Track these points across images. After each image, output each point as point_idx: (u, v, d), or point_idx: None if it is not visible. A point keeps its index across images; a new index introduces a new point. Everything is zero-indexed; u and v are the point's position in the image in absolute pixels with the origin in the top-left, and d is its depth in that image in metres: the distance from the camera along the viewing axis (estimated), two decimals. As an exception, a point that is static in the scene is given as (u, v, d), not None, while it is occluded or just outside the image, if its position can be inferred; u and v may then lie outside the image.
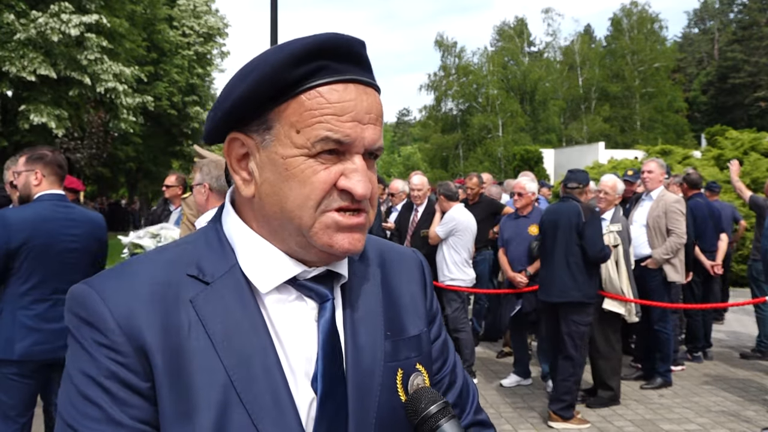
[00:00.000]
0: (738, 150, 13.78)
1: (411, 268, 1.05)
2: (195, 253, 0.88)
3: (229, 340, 0.82)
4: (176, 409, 0.79)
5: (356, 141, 0.84)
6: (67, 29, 19.27)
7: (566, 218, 4.93)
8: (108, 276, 0.85)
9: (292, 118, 0.83)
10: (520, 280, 5.80)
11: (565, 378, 4.87)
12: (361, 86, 0.85)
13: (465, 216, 6.12)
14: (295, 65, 0.81)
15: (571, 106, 45.86)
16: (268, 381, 0.82)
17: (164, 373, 0.79)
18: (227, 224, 0.91)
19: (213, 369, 0.80)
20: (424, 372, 0.96)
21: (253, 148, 0.86)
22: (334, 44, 0.83)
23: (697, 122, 48.16)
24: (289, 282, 0.88)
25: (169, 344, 0.80)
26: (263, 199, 0.86)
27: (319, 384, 0.85)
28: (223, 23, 34.96)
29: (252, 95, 0.83)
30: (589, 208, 4.95)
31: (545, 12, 47.97)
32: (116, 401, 0.78)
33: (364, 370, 0.89)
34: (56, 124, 20.15)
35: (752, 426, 4.91)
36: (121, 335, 0.79)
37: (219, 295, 0.84)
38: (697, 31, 57.76)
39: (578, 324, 4.86)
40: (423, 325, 1.00)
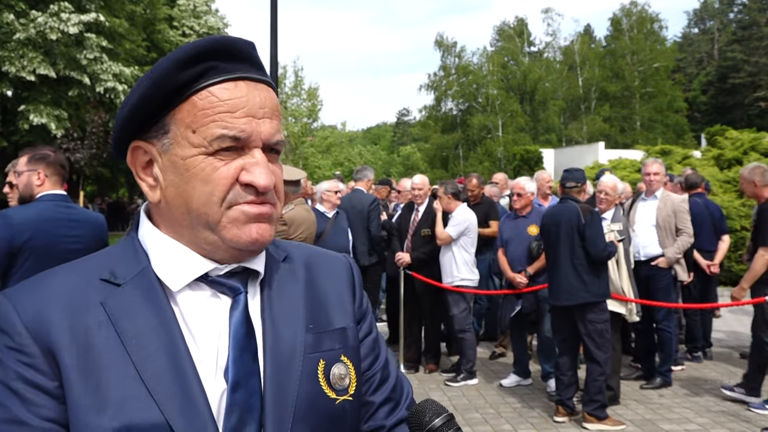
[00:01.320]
0: (738, 150, 13.77)
1: (338, 270, 1.07)
2: (110, 260, 0.91)
3: (138, 337, 0.84)
4: (87, 402, 0.81)
5: (252, 135, 0.86)
6: (66, 28, 19.27)
7: (567, 220, 4.91)
8: (23, 285, 0.89)
9: (187, 120, 0.85)
10: (519, 280, 5.80)
11: (594, 378, 4.82)
12: (252, 83, 0.88)
13: (472, 215, 6.16)
14: (183, 67, 0.84)
15: (571, 106, 45.88)
16: (177, 373, 0.83)
17: (74, 370, 0.82)
18: (141, 230, 0.94)
19: (122, 363, 0.83)
20: (349, 364, 0.97)
21: (155, 154, 0.89)
22: (221, 45, 0.86)
23: (697, 122, 48.18)
24: (201, 280, 0.90)
25: (78, 344, 0.83)
26: (170, 202, 0.89)
27: (230, 374, 0.86)
28: (223, 23, 34.97)
29: (145, 100, 0.86)
30: (587, 208, 4.94)
31: (545, 12, 48.01)
32: (24, 402, 0.81)
33: (282, 360, 0.91)
34: (56, 125, 20.14)
35: (752, 426, 4.91)
36: (28, 338, 0.82)
37: (129, 296, 0.87)
38: (697, 31, 57.78)
39: (595, 323, 4.82)
40: (350, 321, 1.02)
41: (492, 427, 4.97)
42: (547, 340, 5.86)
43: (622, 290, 5.37)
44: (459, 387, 6.01)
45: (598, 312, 4.84)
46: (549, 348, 5.85)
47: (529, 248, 5.80)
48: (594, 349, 4.81)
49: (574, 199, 5.06)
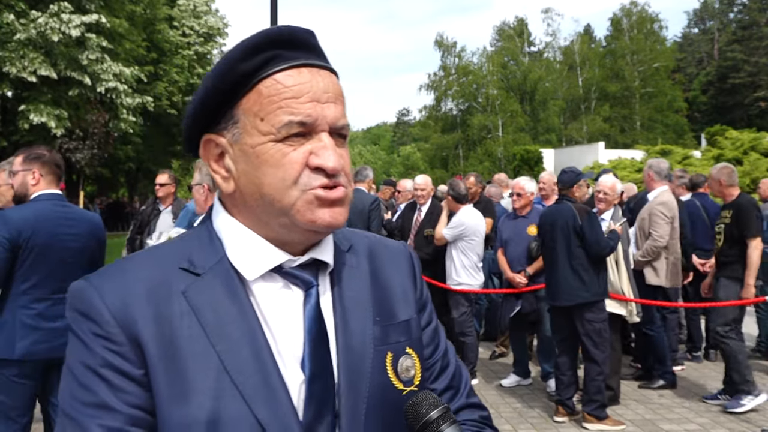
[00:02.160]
0: (738, 150, 13.79)
1: (399, 259, 1.09)
2: (187, 249, 0.92)
3: (220, 327, 0.86)
4: (172, 393, 0.83)
5: (318, 119, 0.87)
6: (68, 29, 19.27)
7: (563, 221, 4.90)
8: (105, 272, 0.90)
9: (254, 108, 0.87)
10: (519, 280, 5.80)
11: (593, 378, 4.81)
12: (315, 69, 0.90)
13: (474, 219, 6.03)
14: (247, 57, 0.87)
15: (571, 106, 45.89)
16: (259, 364, 0.85)
17: (159, 359, 0.84)
18: (216, 220, 0.96)
19: (206, 354, 0.84)
20: (414, 355, 0.99)
21: (226, 145, 0.91)
22: (282, 35, 0.89)
23: (697, 122, 48.18)
24: (275, 271, 0.91)
25: (162, 333, 0.85)
26: (243, 191, 0.90)
27: (307, 366, 0.88)
28: (223, 23, 34.98)
29: (212, 93, 0.89)
30: (583, 208, 4.93)
31: (545, 12, 48.05)
32: (112, 388, 0.83)
33: (354, 352, 0.92)
34: (56, 124, 20.15)
35: (752, 426, 4.91)
36: (115, 326, 0.84)
37: (209, 286, 0.88)
38: (697, 31, 57.78)
39: (593, 322, 4.82)
40: (413, 312, 1.03)
41: (492, 427, 4.96)
42: (547, 340, 5.86)
43: (621, 291, 5.37)
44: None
45: (596, 311, 4.84)
46: (549, 348, 5.85)
47: (528, 248, 5.79)
48: (592, 349, 4.81)
49: (569, 199, 5.05)
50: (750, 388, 5.18)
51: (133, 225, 6.79)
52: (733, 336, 5.22)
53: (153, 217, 6.35)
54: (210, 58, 35.10)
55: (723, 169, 5.48)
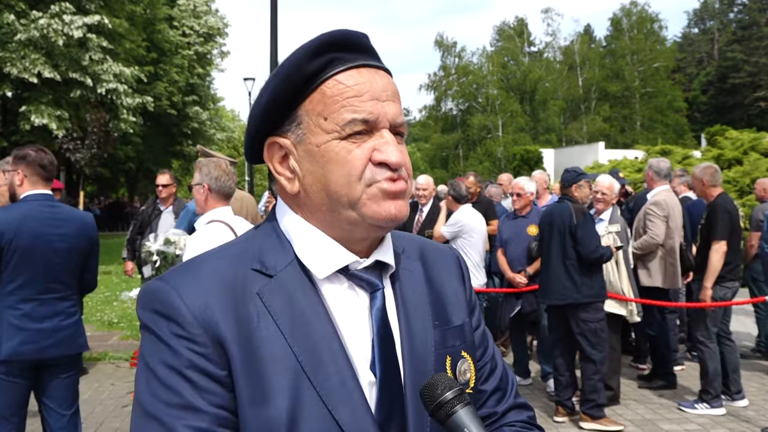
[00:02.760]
0: (738, 150, 13.78)
1: (449, 263, 1.11)
2: (257, 249, 0.94)
3: (296, 328, 0.87)
4: (252, 394, 0.84)
5: (380, 117, 0.91)
6: (70, 31, 19.26)
7: (559, 220, 4.91)
8: (180, 272, 0.91)
9: (318, 108, 0.90)
10: (519, 280, 5.80)
11: (589, 377, 4.79)
12: (372, 69, 0.93)
13: (472, 218, 6.03)
14: (309, 59, 0.90)
15: (571, 106, 45.91)
16: (336, 365, 0.87)
17: (239, 361, 0.84)
18: (283, 220, 0.97)
19: (283, 356, 0.86)
20: (469, 359, 1.02)
21: (290, 147, 0.94)
22: (341, 38, 0.92)
23: (697, 122, 48.18)
24: (341, 272, 0.93)
25: (242, 334, 0.86)
26: (308, 190, 0.92)
27: (378, 368, 0.90)
28: (223, 23, 34.96)
29: (277, 95, 0.92)
30: (580, 209, 4.91)
31: (545, 12, 48.04)
32: (197, 389, 0.83)
33: (418, 355, 0.95)
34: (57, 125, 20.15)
35: (752, 426, 4.91)
36: (198, 327, 0.85)
37: (283, 287, 0.90)
38: (697, 31, 57.77)
39: (588, 322, 4.80)
40: (465, 316, 1.06)
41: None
42: (547, 340, 5.86)
43: (621, 291, 5.36)
44: (459, 387, 6.01)
45: (591, 311, 4.82)
46: (549, 348, 5.85)
47: (528, 248, 5.79)
48: (588, 348, 4.79)
49: (569, 198, 5.03)
50: (713, 396, 5.17)
51: (133, 225, 6.78)
52: (709, 345, 5.19)
53: (154, 217, 6.34)
54: (210, 58, 35.09)
55: (706, 169, 5.45)
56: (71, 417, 3.32)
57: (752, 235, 6.93)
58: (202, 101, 34.36)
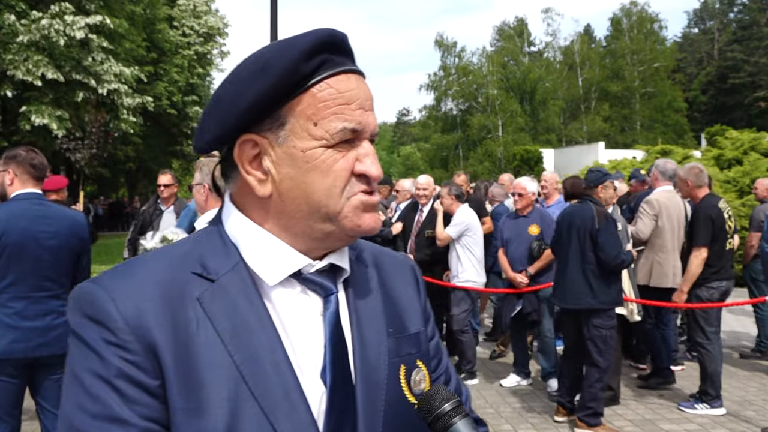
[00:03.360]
0: (738, 150, 13.77)
1: (405, 271, 1.08)
2: (198, 252, 0.88)
3: (237, 335, 0.83)
4: (186, 405, 0.79)
5: (366, 127, 0.88)
6: (72, 32, 19.26)
7: (580, 222, 4.74)
8: (115, 274, 0.85)
9: (308, 111, 0.85)
10: (520, 280, 5.80)
11: (591, 384, 4.68)
12: (357, 75, 0.90)
13: (473, 216, 6.13)
14: (306, 59, 0.84)
15: (571, 106, 45.89)
16: (278, 375, 0.83)
17: (174, 370, 0.79)
18: (229, 223, 0.92)
19: (223, 364, 0.81)
20: (424, 369, 0.98)
21: (267, 146, 0.87)
22: (332, 39, 0.87)
23: (697, 122, 48.18)
24: (293, 276, 0.89)
25: (178, 341, 0.80)
26: (284, 195, 0.87)
27: (328, 375, 0.86)
28: (223, 23, 34.98)
29: (269, 91, 0.84)
30: (603, 212, 4.75)
31: (545, 12, 47.96)
32: (126, 400, 0.78)
33: (371, 363, 0.91)
34: (57, 125, 20.15)
35: (752, 426, 4.91)
36: (130, 333, 0.79)
37: (224, 292, 0.85)
38: (697, 31, 57.76)
39: (600, 328, 4.67)
40: (421, 325, 1.03)
41: (492, 427, 4.96)
42: (548, 341, 5.86)
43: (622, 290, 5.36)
44: (459, 387, 6.01)
45: (605, 318, 4.70)
46: (549, 348, 5.85)
47: (529, 248, 5.80)
48: (595, 355, 4.68)
49: (593, 200, 4.87)
50: (713, 397, 5.17)
51: (134, 225, 6.78)
52: (707, 346, 5.19)
53: (155, 217, 6.34)
54: (210, 58, 35.11)
55: (691, 170, 5.38)
56: None
57: (752, 236, 6.93)
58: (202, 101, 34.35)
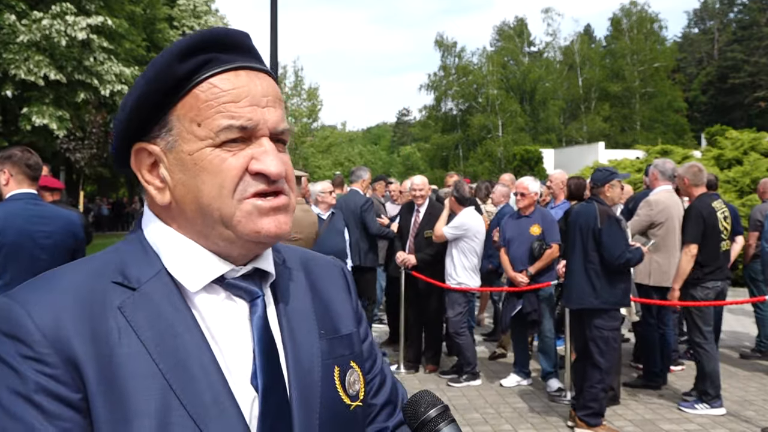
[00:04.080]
0: (738, 150, 13.78)
1: (333, 274, 1.07)
2: (118, 261, 0.86)
3: (162, 343, 0.80)
4: (111, 417, 0.76)
5: (259, 124, 0.84)
6: (74, 32, 19.26)
7: (583, 221, 4.75)
8: (30, 287, 0.82)
9: (191, 113, 0.83)
10: (521, 279, 5.80)
11: (591, 384, 4.65)
12: (252, 72, 0.86)
13: (476, 221, 6.09)
14: (181, 60, 0.82)
15: (571, 106, 45.89)
16: (207, 381, 0.80)
17: (96, 382, 0.77)
18: (149, 230, 0.90)
19: (149, 374, 0.78)
20: (358, 370, 0.97)
21: (159, 154, 0.86)
22: (217, 37, 0.84)
23: (697, 122, 48.17)
24: (217, 282, 0.87)
25: (100, 353, 0.78)
26: (179, 201, 0.85)
27: (259, 380, 0.84)
28: (223, 23, 34.98)
29: (145, 98, 0.83)
30: (606, 211, 4.73)
31: (545, 12, 47.94)
32: (46, 416, 0.75)
33: (304, 366, 0.90)
34: (58, 125, 20.16)
35: (752, 426, 4.91)
36: (48, 347, 0.76)
37: (147, 300, 0.82)
38: (697, 31, 57.76)
39: (601, 329, 4.64)
40: (353, 326, 1.02)
41: (492, 427, 4.97)
42: (548, 341, 5.87)
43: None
44: (459, 387, 6.02)
45: (606, 319, 4.67)
46: (549, 348, 5.86)
47: (531, 248, 5.80)
48: (596, 356, 4.65)
49: (598, 200, 4.85)
50: (712, 396, 5.19)
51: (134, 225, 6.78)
52: (704, 346, 5.20)
53: None
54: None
55: (689, 168, 5.44)
56: None
57: (750, 235, 6.94)
58: (202, 101, 34.26)
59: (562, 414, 5.19)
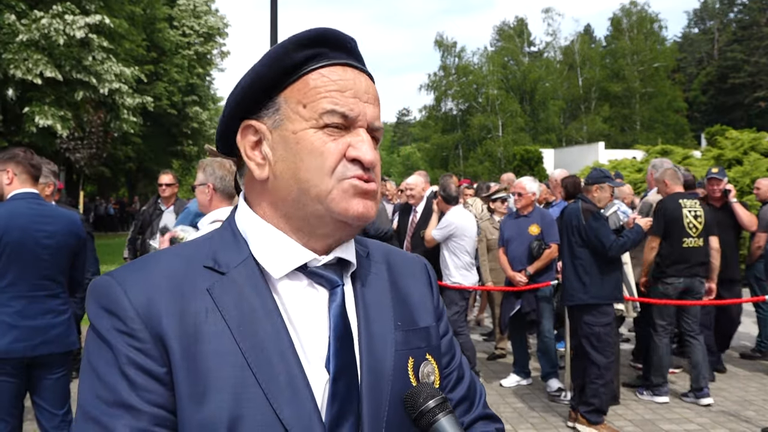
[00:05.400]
0: (738, 150, 13.77)
1: (416, 269, 1.10)
2: (211, 248, 0.93)
3: (244, 324, 0.86)
4: (191, 391, 0.82)
5: (360, 115, 0.91)
6: (72, 31, 19.27)
7: (569, 220, 4.88)
8: (129, 268, 0.90)
9: (299, 96, 0.90)
10: (519, 279, 5.81)
11: (591, 381, 4.67)
12: (357, 70, 0.94)
13: (463, 219, 6.02)
14: (298, 49, 0.90)
15: (571, 106, 45.88)
16: (283, 363, 0.85)
17: (180, 357, 0.83)
18: (240, 219, 0.96)
19: (229, 351, 0.84)
20: (433, 362, 1.00)
21: (265, 131, 0.92)
22: (330, 35, 0.92)
23: (697, 122, 48.17)
24: (300, 270, 0.92)
25: (186, 330, 0.84)
26: (278, 178, 0.91)
27: (332, 365, 0.88)
28: (223, 23, 34.99)
29: (260, 79, 0.91)
30: (588, 209, 4.84)
31: (545, 12, 48.00)
32: (134, 387, 0.81)
33: (377, 354, 0.93)
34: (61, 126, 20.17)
35: (752, 426, 4.91)
36: (139, 323, 0.83)
37: (234, 284, 0.89)
38: (697, 31, 57.75)
39: (591, 326, 4.68)
40: (432, 320, 1.05)
41: (492, 427, 4.96)
42: (547, 341, 5.86)
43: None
44: (459, 387, 6.01)
45: (596, 315, 4.71)
46: (548, 349, 5.86)
47: (529, 248, 5.81)
48: (591, 352, 4.69)
49: (584, 198, 4.96)
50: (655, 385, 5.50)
51: (134, 225, 6.78)
52: (655, 338, 5.49)
53: (155, 218, 6.34)
54: (210, 58, 35.12)
55: (666, 171, 5.72)
56: (63, 416, 3.34)
57: (759, 236, 6.91)
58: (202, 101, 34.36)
59: (562, 414, 5.20)
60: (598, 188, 4.99)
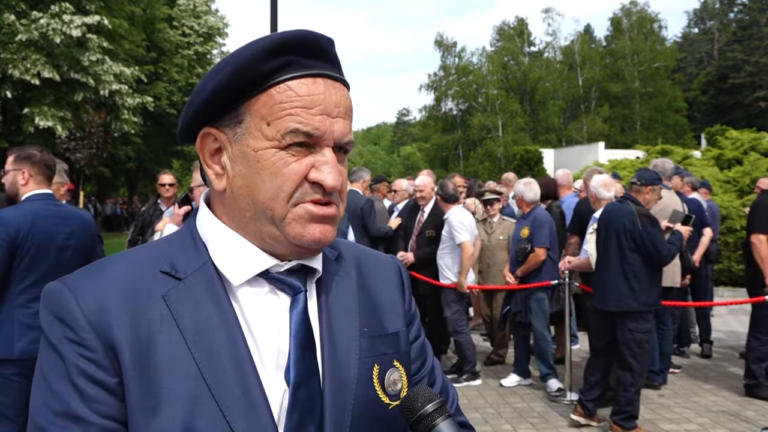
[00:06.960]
0: (738, 150, 13.78)
1: (388, 272, 1.06)
2: (169, 252, 0.89)
3: (200, 333, 0.83)
4: (144, 403, 0.79)
5: (326, 134, 0.86)
6: (69, 30, 19.28)
7: (620, 222, 4.61)
8: (82, 274, 0.87)
9: (263, 111, 0.85)
10: (508, 279, 5.90)
11: (626, 388, 4.57)
12: (330, 81, 0.88)
13: (468, 217, 6.13)
14: (265, 59, 0.84)
15: (571, 106, 45.86)
16: (239, 374, 0.82)
17: (132, 367, 0.80)
18: (200, 222, 0.93)
19: (183, 362, 0.81)
20: (401, 369, 0.97)
21: (225, 142, 0.88)
22: (302, 40, 0.86)
23: (697, 122, 48.14)
24: (261, 276, 0.89)
25: (139, 339, 0.81)
26: (235, 192, 0.88)
27: (291, 374, 0.85)
28: (223, 23, 35.01)
29: (224, 87, 0.85)
30: (645, 213, 4.60)
31: (545, 12, 47.93)
32: (84, 398, 0.79)
33: (340, 362, 0.90)
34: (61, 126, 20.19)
35: (752, 426, 4.91)
36: (90, 331, 0.80)
37: (190, 291, 0.85)
38: (697, 31, 57.74)
39: (635, 332, 4.55)
40: (401, 325, 1.01)
41: (492, 427, 4.97)
42: (542, 343, 5.87)
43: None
44: (459, 387, 6.01)
45: (641, 321, 4.57)
46: (543, 350, 5.86)
47: (517, 250, 5.88)
48: (629, 359, 4.54)
49: (633, 200, 4.73)
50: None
51: (134, 226, 6.78)
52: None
53: (155, 218, 6.34)
54: (210, 58, 35.12)
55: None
56: None
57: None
58: (202, 101, 34.21)
59: (562, 414, 5.20)
60: (651, 190, 4.79)
